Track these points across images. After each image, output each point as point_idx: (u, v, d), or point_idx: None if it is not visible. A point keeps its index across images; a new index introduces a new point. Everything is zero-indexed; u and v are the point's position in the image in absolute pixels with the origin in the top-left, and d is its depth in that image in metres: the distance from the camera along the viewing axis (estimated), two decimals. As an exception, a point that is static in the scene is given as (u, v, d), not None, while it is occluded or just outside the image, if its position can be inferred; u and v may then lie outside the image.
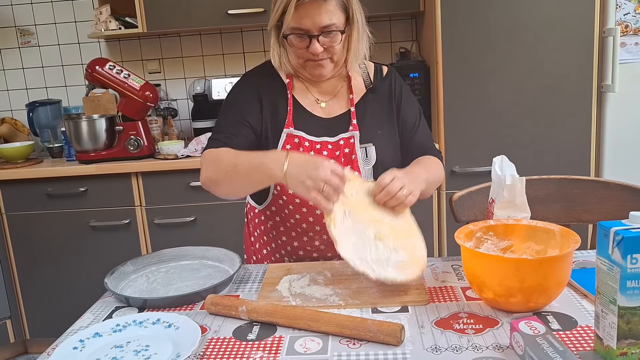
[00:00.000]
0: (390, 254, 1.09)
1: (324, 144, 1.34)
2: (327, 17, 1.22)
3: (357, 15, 1.28)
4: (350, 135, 1.34)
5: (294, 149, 1.32)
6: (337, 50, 1.28)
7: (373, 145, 1.34)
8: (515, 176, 1.18)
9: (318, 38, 1.24)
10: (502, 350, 0.89)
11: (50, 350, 0.97)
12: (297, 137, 1.33)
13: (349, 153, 1.33)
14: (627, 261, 0.79)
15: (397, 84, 1.42)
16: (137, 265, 1.32)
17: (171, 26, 2.70)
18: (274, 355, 0.92)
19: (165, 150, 2.56)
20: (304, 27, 1.23)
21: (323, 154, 1.33)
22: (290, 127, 1.33)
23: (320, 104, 1.38)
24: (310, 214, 1.35)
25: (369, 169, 1.34)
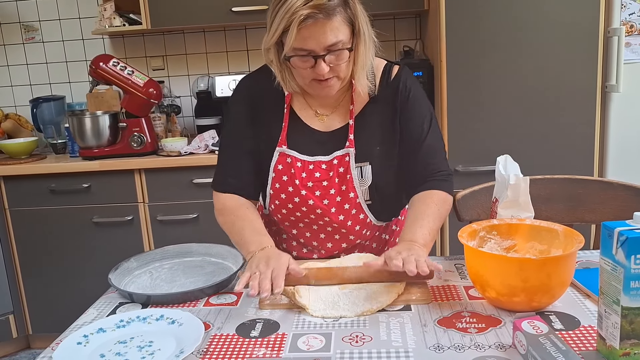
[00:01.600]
0: (359, 292, 1.08)
1: (317, 164, 1.26)
2: (332, 36, 1.11)
3: (363, 26, 1.17)
4: (345, 152, 1.24)
5: (286, 169, 1.26)
6: (343, 67, 1.17)
7: (369, 165, 1.25)
8: (519, 175, 1.18)
9: (324, 58, 1.13)
10: (504, 350, 0.89)
11: (55, 345, 0.98)
12: (289, 156, 1.26)
13: (344, 173, 1.25)
14: (630, 261, 0.79)
15: (405, 88, 1.27)
16: (140, 261, 1.33)
17: (175, 23, 2.71)
18: (277, 352, 0.92)
19: (169, 147, 2.56)
20: (308, 48, 1.12)
21: (315, 175, 1.25)
22: (284, 145, 1.26)
23: (320, 117, 1.29)
24: (307, 230, 1.33)
25: (365, 190, 1.26)
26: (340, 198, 1.27)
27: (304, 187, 1.26)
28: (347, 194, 1.26)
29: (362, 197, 1.27)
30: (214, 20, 2.69)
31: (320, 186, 1.26)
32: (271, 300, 1.10)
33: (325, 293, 1.09)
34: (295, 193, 1.26)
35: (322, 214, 1.27)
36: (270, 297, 1.11)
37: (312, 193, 1.26)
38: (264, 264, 1.09)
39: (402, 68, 1.31)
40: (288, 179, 1.26)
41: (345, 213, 1.28)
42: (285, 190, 1.27)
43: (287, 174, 1.26)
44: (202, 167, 2.50)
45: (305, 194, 1.26)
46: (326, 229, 1.31)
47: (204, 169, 2.50)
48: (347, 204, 1.27)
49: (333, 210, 1.27)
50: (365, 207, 1.29)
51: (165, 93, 3.01)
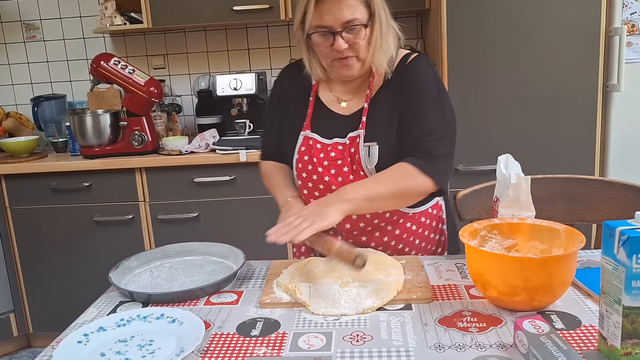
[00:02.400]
0: (359, 290, 1.07)
1: (334, 146, 1.34)
2: (348, 12, 1.21)
3: (380, 10, 1.26)
4: (357, 134, 1.31)
5: (307, 150, 1.36)
6: (361, 46, 1.26)
7: (377, 145, 1.30)
8: (520, 175, 1.18)
9: (342, 34, 1.23)
10: (505, 349, 0.89)
11: (55, 344, 0.98)
12: (311, 139, 1.36)
13: (354, 153, 1.31)
14: (632, 261, 0.79)
15: (413, 72, 1.32)
16: (141, 260, 1.33)
17: (176, 22, 2.71)
18: (278, 351, 0.92)
19: (170, 146, 2.56)
20: (326, 23, 1.22)
21: (331, 155, 1.33)
22: (307, 129, 1.37)
23: (342, 103, 1.38)
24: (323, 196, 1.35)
25: (373, 169, 1.30)
26: (352, 177, 1.32)
27: (321, 165, 1.34)
28: (358, 173, 1.32)
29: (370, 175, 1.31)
30: (215, 19, 2.69)
31: (335, 165, 1.34)
32: (272, 299, 1.11)
33: (326, 290, 1.09)
34: (314, 171, 1.35)
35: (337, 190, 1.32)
36: (271, 297, 1.11)
37: (328, 171, 1.34)
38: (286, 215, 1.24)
39: (419, 55, 1.38)
40: (308, 159, 1.36)
41: None
42: (306, 169, 1.36)
43: (308, 154, 1.36)
44: (202, 166, 2.50)
45: (321, 172, 1.34)
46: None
47: (204, 168, 2.50)
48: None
49: None
50: None
51: (166, 92, 3.01)
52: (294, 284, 1.11)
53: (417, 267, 1.21)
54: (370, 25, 1.25)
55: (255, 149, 2.47)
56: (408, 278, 1.16)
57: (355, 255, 1.06)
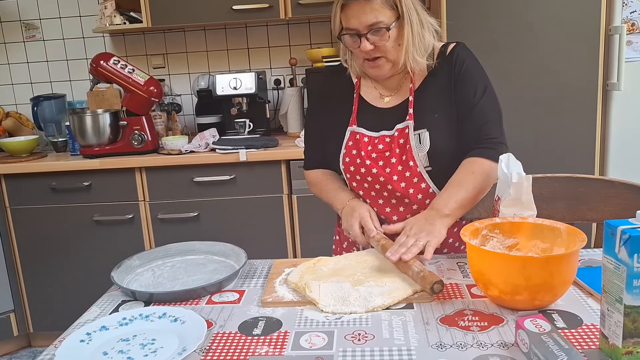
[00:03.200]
0: (372, 289, 1.08)
1: (382, 138, 1.37)
2: (372, 16, 1.25)
3: (411, 11, 1.28)
4: (405, 125, 1.34)
5: (355, 145, 1.39)
6: (388, 48, 1.29)
7: (427, 131, 1.33)
8: (521, 174, 1.18)
9: (367, 36, 1.27)
10: (507, 348, 0.89)
11: (58, 343, 0.98)
12: (358, 133, 1.39)
13: (404, 143, 1.34)
14: (633, 260, 0.79)
15: (459, 62, 1.36)
16: (143, 259, 1.33)
17: (176, 21, 2.71)
18: (280, 350, 0.92)
19: (169, 146, 2.56)
20: (352, 26, 1.27)
21: (379, 147, 1.37)
22: (354, 124, 1.40)
23: (384, 98, 1.41)
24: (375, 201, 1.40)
25: (424, 155, 1.33)
26: (401, 167, 1.35)
27: (369, 157, 1.37)
28: (407, 163, 1.34)
29: (421, 165, 1.33)
30: (214, 19, 2.69)
31: (383, 157, 1.36)
32: (273, 298, 1.11)
33: (335, 289, 1.09)
34: (362, 164, 1.38)
35: (385, 181, 1.36)
36: (273, 296, 1.12)
37: (376, 163, 1.37)
38: (351, 217, 1.34)
39: (458, 43, 1.41)
40: (356, 153, 1.39)
41: (406, 181, 1.35)
42: (354, 162, 1.39)
43: (356, 148, 1.39)
44: (202, 165, 2.50)
45: (369, 164, 1.37)
46: (391, 201, 1.39)
47: (204, 168, 2.50)
48: (408, 172, 1.35)
49: (395, 178, 1.35)
50: (425, 175, 1.34)
51: (166, 91, 3.01)
52: (304, 282, 1.11)
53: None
54: (398, 26, 1.28)
55: (255, 148, 2.47)
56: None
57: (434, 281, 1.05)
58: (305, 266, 1.21)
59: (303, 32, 3.02)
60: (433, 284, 1.05)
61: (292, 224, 2.56)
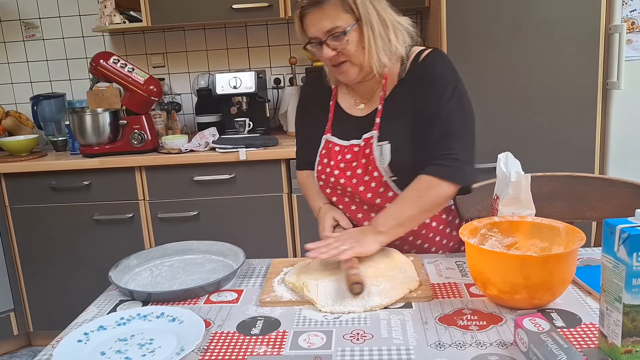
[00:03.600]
0: (369, 289, 1.07)
1: (350, 148, 1.37)
2: (328, 22, 1.24)
3: (371, 13, 1.25)
4: (371, 134, 1.33)
5: (327, 153, 1.40)
6: (351, 52, 1.27)
7: (389, 143, 1.31)
8: (520, 173, 1.18)
9: (327, 43, 1.26)
10: (505, 347, 0.89)
11: (55, 343, 0.98)
12: (331, 142, 1.40)
13: (368, 154, 1.33)
14: (632, 259, 0.79)
15: (429, 68, 1.30)
16: (141, 259, 1.33)
17: (175, 20, 2.70)
18: (278, 350, 0.92)
19: (169, 145, 2.56)
20: (312, 35, 1.28)
21: (347, 157, 1.36)
22: (329, 133, 1.41)
23: (359, 106, 1.41)
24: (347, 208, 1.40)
25: (386, 167, 1.30)
26: (367, 177, 1.34)
27: (337, 167, 1.38)
28: (372, 173, 1.33)
29: (386, 175, 1.32)
30: (214, 18, 2.68)
31: (351, 167, 1.36)
32: (272, 297, 1.11)
33: (333, 289, 1.08)
34: (331, 174, 1.38)
35: (352, 192, 1.36)
36: (272, 295, 1.11)
37: (344, 173, 1.37)
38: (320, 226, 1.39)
39: (434, 50, 1.35)
40: (327, 162, 1.39)
41: (372, 191, 1.34)
42: (325, 171, 1.40)
43: (327, 157, 1.40)
44: (202, 164, 2.50)
45: (337, 174, 1.37)
46: (362, 208, 1.38)
47: (204, 167, 2.50)
48: (374, 182, 1.33)
49: (361, 188, 1.35)
50: (392, 184, 1.33)
51: (166, 90, 3.01)
52: (302, 282, 1.11)
53: (418, 266, 1.21)
54: (357, 29, 1.25)
55: (255, 147, 2.47)
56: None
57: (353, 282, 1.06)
58: (302, 265, 1.21)
59: (303, 31, 3.01)
60: (352, 284, 1.05)
61: (292, 223, 2.56)
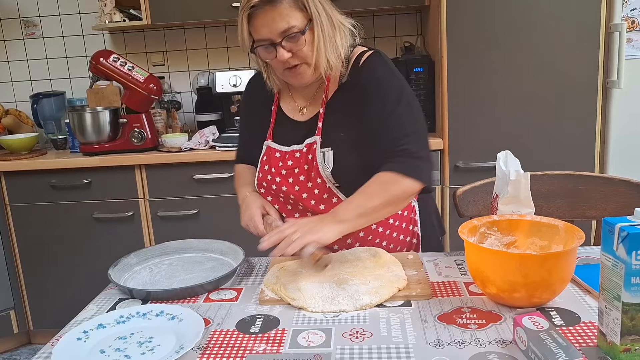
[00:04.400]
0: (358, 287, 1.07)
1: (292, 153, 1.32)
2: (283, 22, 1.18)
3: (320, 11, 1.21)
4: (313, 140, 1.29)
5: (268, 159, 1.35)
6: (306, 52, 1.22)
7: (331, 150, 1.27)
8: (519, 171, 1.18)
9: (282, 44, 1.20)
10: (505, 346, 0.89)
11: (54, 341, 0.98)
12: (272, 148, 1.35)
13: (311, 160, 1.29)
14: (631, 257, 0.79)
15: (369, 74, 1.27)
16: (140, 257, 1.33)
17: (175, 19, 2.70)
18: (277, 348, 0.92)
19: (169, 143, 2.56)
20: (264, 36, 1.20)
21: (288, 163, 1.32)
22: (270, 139, 1.37)
23: (302, 109, 1.36)
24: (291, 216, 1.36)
25: (329, 175, 1.28)
26: (311, 184, 1.30)
27: (279, 174, 1.33)
28: (315, 180, 1.29)
29: (329, 181, 1.28)
30: (214, 16, 2.68)
31: (293, 173, 1.32)
32: (271, 296, 1.11)
33: (322, 290, 1.08)
34: (272, 181, 1.34)
35: (296, 199, 1.32)
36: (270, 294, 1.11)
37: (286, 180, 1.32)
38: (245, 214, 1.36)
39: (373, 53, 1.30)
40: (268, 169, 1.35)
41: (315, 198, 1.31)
42: (265, 178, 1.35)
43: (268, 164, 1.35)
44: (202, 163, 2.50)
45: (279, 181, 1.33)
46: (306, 215, 1.33)
47: (204, 165, 2.50)
48: (317, 189, 1.30)
49: (304, 195, 1.31)
50: (336, 190, 1.29)
51: (166, 89, 3.01)
52: (280, 288, 1.10)
53: (417, 264, 1.22)
54: (310, 29, 1.21)
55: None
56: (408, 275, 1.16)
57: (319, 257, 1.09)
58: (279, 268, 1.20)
59: (303, 30, 3.01)
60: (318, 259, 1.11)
61: (291, 221, 2.56)
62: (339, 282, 1.09)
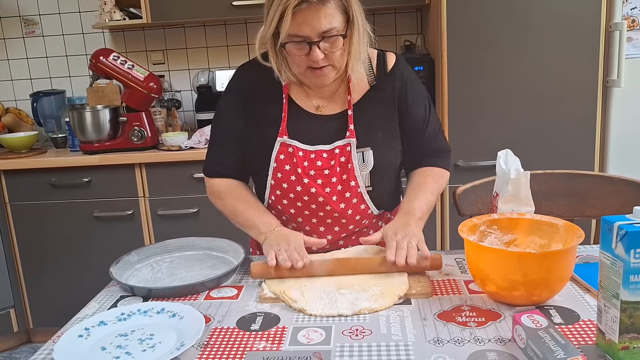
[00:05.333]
0: (358, 295, 1.07)
1: (319, 153, 1.28)
2: (326, 22, 1.14)
3: (358, 16, 1.19)
4: (347, 142, 1.27)
5: (288, 159, 1.27)
6: (336, 55, 1.19)
7: (370, 150, 1.28)
8: (520, 170, 1.18)
9: (318, 44, 1.16)
10: (504, 343, 0.90)
11: (56, 338, 0.98)
12: (290, 146, 1.28)
13: (345, 162, 1.27)
14: (630, 256, 0.79)
15: (403, 78, 1.32)
16: (141, 255, 1.33)
17: (175, 17, 2.70)
18: (277, 346, 0.93)
19: (169, 142, 2.56)
20: (303, 34, 1.15)
21: (317, 164, 1.27)
22: (284, 135, 1.28)
23: (320, 108, 1.32)
24: (308, 222, 1.33)
25: (366, 174, 1.28)
26: (341, 187, 1.28)
27: (307, 175, 1.27)
28: (349, 183, 1.28)
29: (362, 184, 1.29)
30: (214, 15, 2.68)
31: (322, 175, 1.28)
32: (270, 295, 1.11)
33: (321, 293, 1.08)
34: (298, 182, 1.28)
35: (324, 202, 1.28)
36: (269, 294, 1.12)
37: (315, 181, 1.27)
38: (284, 242, 1.20)
39: (398, 57, 1.37)
40: (290, 169, 1.28)
41: (346, 201, 1.29)
42: (287, 179, 1.28)
43: (289, 164, 1.28)
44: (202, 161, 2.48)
45: (307, 182, 1.27)
46: (326, 221, 1.32)
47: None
48: (349, 192, 1.29)
49: (334, 198, 1.28)
50: (365, 195, 1.31)
51: (166, 87, 3.01)
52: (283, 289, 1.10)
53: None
54: (347, 33, 1.19)
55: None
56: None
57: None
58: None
59: (303, 28, 3.01)
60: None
61: (291, 220, 2.56)
62: (339, 286, 1.09)
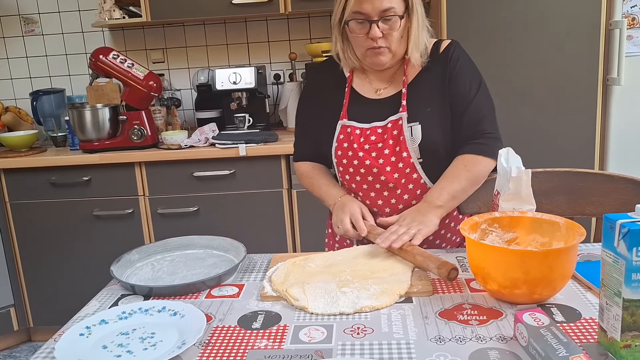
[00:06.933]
0: (359, 293, 1.07)
1: (374, 130, 1.39)
2: (386, 1, 1.28)
3: (417, 5, 1.33)
4: (399, 117, 1.36)
5: (346, 138, 1.40)
6: (395, 38, 1.32)
7: (419, 124, 1.35)
8: (521, 168, 1.18)
9: (378, 23, 1.29)
10: (505, 342, 0.90)
11: (57, 337, 0.98)
12: (349, 127, 1.41)
13: (397, 135, 1.36)
14: (632, 254, 0.79)
15: (454, 58, 1.40)
16: (142, 253, 1.33)
17: (175, 16, 2.70)
18: (279, 344, 0.93)
19: (169, 140, 2.56)
20: (364, 11, 1.29)
21: (371, 139, 1.38)
22: (344, 118, 1.42)
23: (378, 90, 1.43)
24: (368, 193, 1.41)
25: (416, 147, 1.36)
26: (394, 158, 1.37)
27: (362, 149, 1.39)
28: (401, 154, 1.36)
29: (414, 155, 1.36)
30: (214, 13, 2.68)
31: (376, 148, 1.38)
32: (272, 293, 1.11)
33: (322, 291, 1.08)
34: (354, 157, 1.39)
35: (379, 172, 1.38)
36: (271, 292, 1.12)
37: (369, 154, 1.38)
38: (341, 212, 1.37)
39: (452, 41, 1.44)
40: (348, 145, 1.40)
41: (399, 171, 1.37)
42: (346, 155, 1.41)
43: (347, 141, 1.40)
44: (202, 160, 2.50)
45: (362, 155, 1.38)
46: (383, 194, 1.40)
47: (204, 162, 2.50)
48: (401, 162, 1.36)
49: (388, 169, 1.37)
50: (418, 166, 1.37)
51: (166, 86, 3.01)
52: (285, 289, 1.10)
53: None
54: (407, 17, 1.31)
55: (255, 143, 2.47)
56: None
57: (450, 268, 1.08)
58: (291, 263, 1.21)
59: (303, 27, 3.01)
60: (450, 271, 1.08)
61: (291, 218, 2.56)
62: (340, 285, 1.09)
